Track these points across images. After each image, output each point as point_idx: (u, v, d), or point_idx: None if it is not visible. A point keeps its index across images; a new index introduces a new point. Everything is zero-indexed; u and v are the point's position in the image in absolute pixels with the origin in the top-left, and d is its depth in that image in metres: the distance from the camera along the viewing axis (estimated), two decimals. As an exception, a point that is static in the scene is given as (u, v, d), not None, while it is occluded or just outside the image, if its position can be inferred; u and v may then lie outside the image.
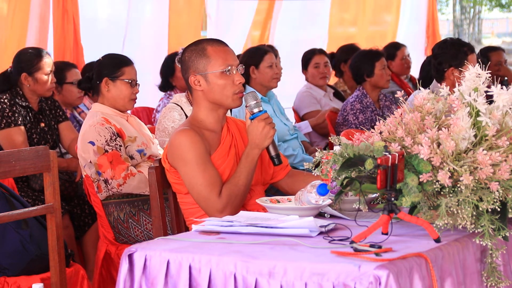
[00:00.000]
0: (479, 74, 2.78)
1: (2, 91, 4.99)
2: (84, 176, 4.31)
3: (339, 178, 2.72)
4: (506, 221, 2.61)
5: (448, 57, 4.89)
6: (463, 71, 2.81)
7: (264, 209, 3.15)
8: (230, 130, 3.42)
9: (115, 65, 4.43)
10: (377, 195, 2.91)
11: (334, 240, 2.60)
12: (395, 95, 2.97)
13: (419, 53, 9.78)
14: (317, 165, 2.94)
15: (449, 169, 2.59)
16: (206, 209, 3.27)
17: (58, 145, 5.13)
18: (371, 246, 2.45)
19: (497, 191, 2.58)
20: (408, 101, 2.92)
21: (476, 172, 2.60)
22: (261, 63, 5.57)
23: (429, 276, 2.41)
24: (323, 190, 2.95)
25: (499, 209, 2.59)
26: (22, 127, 4.92)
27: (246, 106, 3.35)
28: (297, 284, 2.37)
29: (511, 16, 30.50)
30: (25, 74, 5.00)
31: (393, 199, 2.54)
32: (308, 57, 7.05)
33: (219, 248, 2.59)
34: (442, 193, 2.63)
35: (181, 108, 4.56)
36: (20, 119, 4.92)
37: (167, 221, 3.54)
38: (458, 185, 2.59)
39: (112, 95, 4.40)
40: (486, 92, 2.77)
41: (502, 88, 2.76)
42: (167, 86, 6.54)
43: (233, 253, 2.52)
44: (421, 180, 2.59)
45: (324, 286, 2.33)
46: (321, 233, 2.71)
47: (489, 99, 2.76)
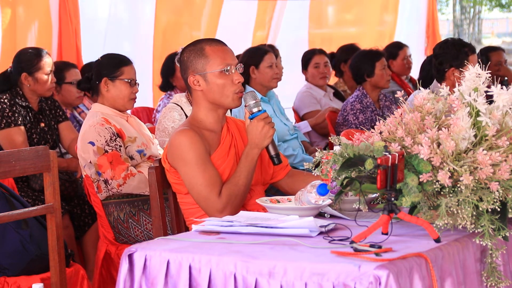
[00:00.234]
0: (479, 74, 2.77)
1: (2, 91, 4.99)
2: (84, 176, 4.31)
3: (339, 178, 2.71)
4: (506, 221, 2.61)
5: (449, 57, 4.88)
6: (463, 71, 2.80)
7: (264, 209, 3.15)
8: (230, 130, 3.42)
9: (114, 65, 4.42)
10: (377, 195, 2.91)
11: (334, 240, 2.60)
12: (395, 95, 2.97)
13: (419, 53, 9.77)
14: (317, 165, 2.94)
15: (449, 169, 2.59)
16: (206, 209, 3.27)
17: (58, 145, 5.13)
18: (371, 246, 2.45)
19: (497, 191, 2.58)
20: (408, 101, 2.92)
21: (476, 172, 2.60)
22: (261, 63, 5.56)
23: (429, 276, 2.41)
24: (323, 190, 2.95)
25: (499, 209, 2.59)
26: (22, 127, 4.92)
27: (245, 106, 3.35)
28: (297, 284, 2.37)
29: (511, 16, 30.49)
30: (25, 74, 5.00)
31: (393, 199, 2.54)
32: (308, 57, 7.04)
33: (219, 248, 2.59)
34: (442, 193, 2.62)
35: (181, 108, 4.55)
36: (20, 119, 4.92)
37: (167, 221, 3.54)
38: (458, 185, 2.58)
39: (111, 95, 4.39)
40: (486, 92, 2.77)
41: (502, 88, 2.76)
42: (167, 86, 6.54)
43: (233, 253, 2.52)
44: (421, 180, 2.59)
45: (324, 286, 2.33)
46: (321, 233, 2.71)
47: (489, 99, 2.76)
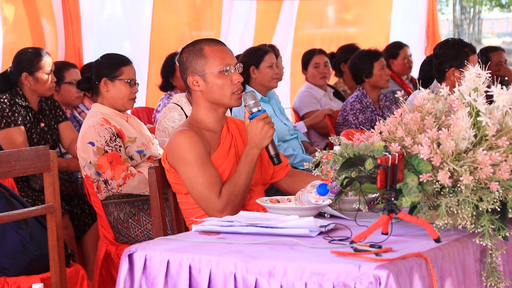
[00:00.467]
0: (479, 74, 2.77)
1: (2, 91, 4.99)
2: (84, 176, 4.31)
3: (339, 178, 2.71)
4: (506, 221, 2.61)
5: (449, 57, 4.89)
6: (463, 71, 2.80)
7: (264, 209, 3.15)
8: (230, 130, 3.42)
9: (113, 65, 4.42)
10: (377, 195, 2.91)
11: (334, 240, 2.60)
12: (395, 95, 2.97)
13: (419, 53, 9.76)
14: (317, 165, 2.94)
15: (449, 169, 2.59)
16: (206, 209, 3.26)
17: (58, 145, 5.13)
18: (371, 246, 2.45)
19: (497, 191, 2.58)
20: (408, 101, 2.92)
21: (476, 172, 2.60)
22: (261, 63, 5.56)
23: (429, 276, 2.41)
24: (323, 190, 2.95)
25: (499, 209, 2.59)
26: (22, 127, 4.92)
27: (244, 106, 3.35)
28: (297, 284, 2.36)
29: (511, 16, 30.47)
30: (26, 73, 5.00)
31: (393, 199, 2.54)
32: (308, 57, 7.04)
33: (219, 248, 2.59)
34: (442, 193, 2.62)
35: (181, 108, 4.55)
36: (20, 119, 4.92)
37: (167, 221, 3.54)
38: (458, 185, 2.58)
39: (111, 95, 4.39)
40: (486, 92, 2.76)
41: (502, 88, 2.76)
42: (167, 86, 6.54)
43: (233, 253, 2.52)
44: (421, 180, 2.59)
45: (324, 286, 2.33)
46: (321, 233, 2.70)
47: (489, 99, 2.76)
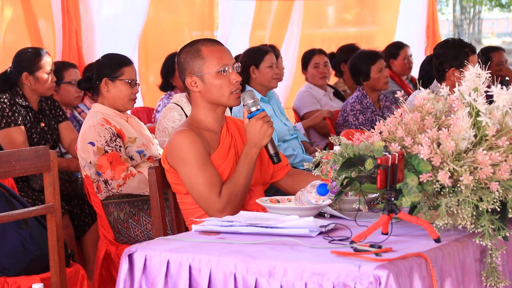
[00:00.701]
0: (479, 74, 2.77)
1: (2, 91, 4.99)
2: (84, 176, 4.31)
3: (339, 178, 2.71)
4: (506, 221, 2.61)
5: (449, 57, 4.88)
6: (464, 71, 2.80)
7: (264, 209, 3.15)
8: (229, 130, 3.42)
9: (114, 65, 4.42)
10: (377, 195, 2.91)
11: (334, 240, 2.60)
12: (395, 95, 2.97)
13: (419, 53, 9.76)
14: (317, 165, 2.94)
15: (449, 169, 2.59)
16: (206, 209, 3.27)
17: (58, 145, 5.13)
18: (371, 246, 2.45)
19: (497, 191, 2.58)
20: (408, 101, 2.92)
21: (476, 172, 2.60)
22: (262, 63, 5.56)
23: (429, 276, 2.41)
24: (323, 190, 2.95)
25: (499, 209, 2.59)
26: (22, 127, 4.92)
27: (243, 105, 3.36)
28: (297, 284, 2.36)
29: (511, 16, 30.46)
30: (26, 73, 5.00)
31: (393, 199, 2.54)
32: (308, 57, 7.04)
33: (219, 248, 2.59)
34: (442, 193, 2.62)
35: (181, 108, 4.55)
36: (20, 119, 4.92)
37: (167, 221, 3.54)
38: (458, 185, 2.58)
39: (111, 95, 4.39)
40: (486, 92, 2.76)
41: (502, 88, 2.76)
42: (167, 86, 6.53)
43: (233, 253, 2.52)
44: (421, 180, 2.59)
45: (324, 286, 2.33)
46: (321, 233, 2.70)
47: (489, 99, 2.76)
